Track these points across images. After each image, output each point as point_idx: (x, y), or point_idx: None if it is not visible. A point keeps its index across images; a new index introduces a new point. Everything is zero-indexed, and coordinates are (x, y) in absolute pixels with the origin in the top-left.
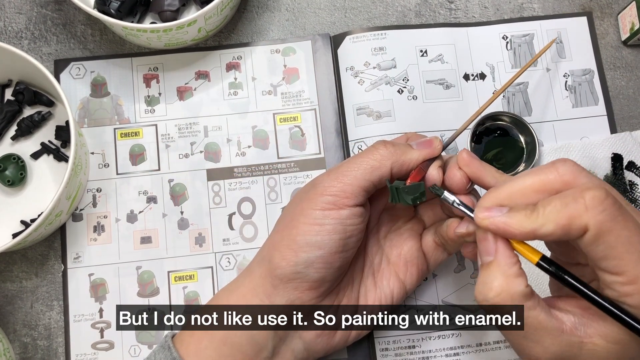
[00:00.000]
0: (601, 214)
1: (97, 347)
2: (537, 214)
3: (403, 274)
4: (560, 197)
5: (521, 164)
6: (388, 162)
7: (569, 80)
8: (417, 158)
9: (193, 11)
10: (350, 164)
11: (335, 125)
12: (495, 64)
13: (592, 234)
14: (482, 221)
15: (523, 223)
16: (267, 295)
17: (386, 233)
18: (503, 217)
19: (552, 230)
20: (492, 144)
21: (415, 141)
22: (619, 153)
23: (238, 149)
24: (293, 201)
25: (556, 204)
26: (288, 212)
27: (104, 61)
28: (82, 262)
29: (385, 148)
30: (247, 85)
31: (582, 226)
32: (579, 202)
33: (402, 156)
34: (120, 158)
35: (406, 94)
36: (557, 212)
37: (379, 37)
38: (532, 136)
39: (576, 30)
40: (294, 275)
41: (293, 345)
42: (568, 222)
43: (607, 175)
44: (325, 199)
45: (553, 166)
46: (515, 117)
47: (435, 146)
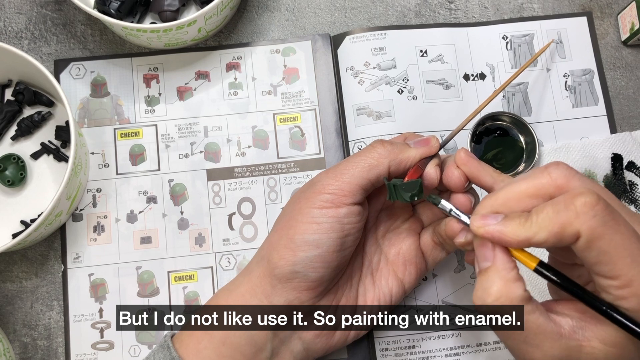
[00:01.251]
0: (592, 219)
1: (97, 347)
2: (530, 222)
3: (402, 273)
4: (552, 203)
5: (521, 164)
6: (386, 160)
7: (569, 80)
8: (415, 156)
9: (193, 11)
10: (348, 163)
11: (335, 125)
12: (495, 64)
13: (584, 240)
14: (478, 229)
15: (517, 231)
16: (265, 295)
17: (384, 232)
18: (498, 226)
19: (546, 238)
20: (492, 144)
21: (413, 140)
22: (618, 153)
23: (238, 149)
24: (291, 200)
25: (548, 211)
26: (286, 212)
27: (104, 61)
28: (82, 262)
29: (383, 147)
30: (247, 86)
31: (574, 233)
32: (570, 209)
33: (400, 154)
34: (120, 158)
35: (406, 94)
36: (550, 219)
37: (379, 37)
38: (532, 136)
39: (576, 31)
40: (292, 275)
41: (292, 345)
42: (560, 229)
43: (607, 175)
44: (323, 197)
45: (546, 170)
46: (515, 117)
47: (432, 144)
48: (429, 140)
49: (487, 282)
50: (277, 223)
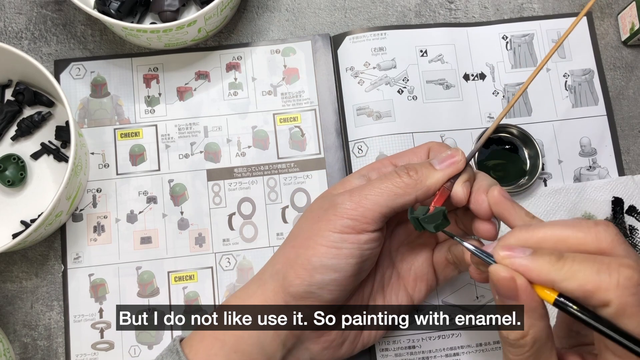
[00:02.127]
0: (630, 296)
1: (97, 347)
2: (562, 265)
3: (412, 288)
4: (594, 260)
5: (517, 182)
6: (412, 191)
7: (569, 80)
8: (441, 180)
9: (193, 11)
10: (373, 188)
11: (335, 125)
12: (495, 64)
13: (612, 310)
14: (502, 260)
15: (545, 269)
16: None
17: (398, 246)
18: (525, 260)
19: (574, 289)
20: (497, 154)
21: (438, 158)
22: (619, 197)
23: (238, 149)
24: (310, 216)
25: (588, 265)
26: (304, 228)
27: (104, 61)
28: (82, 262)
29: (409, 176)
30: (247, 86)
31: (605, 300)
32: (612, 276)
33: (426, 182)
34: (120, 158)
35: (406, 94)
36: (586, 274)
37: (378, 37)
38: (536, 150)
39: (576, 30)
40: (307, 295)
41: (300, 355)
42: (594, 289)
43: (607, 218)
44: (344, 223)
45: (595, 228)
46: (523, 132)
47: (458, 162)
48: (454, 157)
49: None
50: (294, 238)
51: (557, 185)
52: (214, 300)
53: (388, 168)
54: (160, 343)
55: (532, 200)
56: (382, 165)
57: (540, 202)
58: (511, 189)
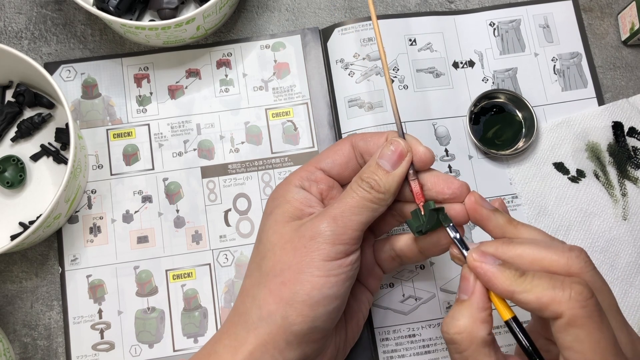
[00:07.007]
0: (580, 309)
1: (98, 348)
2: (524, 280)
3: (369, 284)
4: (552, 278)
5: (521, 139)
6: (384, 202)
7: (557, 64)
8: (401, 178)
9: (192, 9)
10: (351, 208)
11: (327, 118)
12: (484, 50)
13: (564, 321)
14: (472, 262)
15: (508, 281)
16: (279, 351)
17: None
18: (493, 268)
19: (530, 301)
20: (490, 123)
21: (385, 158)
22: (618, 121)
23: (231, 145)
24: (288, 247)
25: (545, 282)
26: (288, 262)
27: (94, 62)
28: (80, 264)
29: (375, 191)
30: (238, 82)
31: (558, 312)
32: (565, 291)
33: (391, 189)
34: (113, 159)
35: (397, 83)
36: (542, 289)
37: (367, 27)
38: (530, 111)
39: (562, 15)
40: (311, 331)
41: None
42: (548, 302)
43: (610, 144)
44: (337, 249)
45: (568, 253)
46: (511, 94)
47: (404, 152)
48: (398, 150)
49: (457, 314)
50: (279, 274)
51: (558, 120)
52: (212, 297)
53: (317, 173)
54: (160, 341)
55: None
56: (309, 173)
57: (543, 138)
58: (512, 151)
